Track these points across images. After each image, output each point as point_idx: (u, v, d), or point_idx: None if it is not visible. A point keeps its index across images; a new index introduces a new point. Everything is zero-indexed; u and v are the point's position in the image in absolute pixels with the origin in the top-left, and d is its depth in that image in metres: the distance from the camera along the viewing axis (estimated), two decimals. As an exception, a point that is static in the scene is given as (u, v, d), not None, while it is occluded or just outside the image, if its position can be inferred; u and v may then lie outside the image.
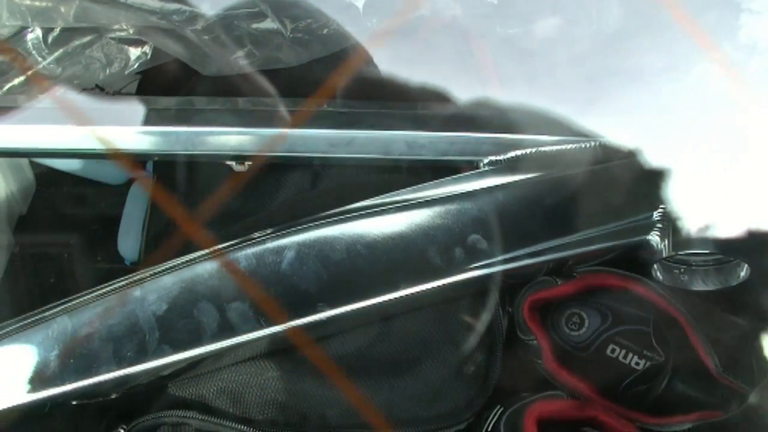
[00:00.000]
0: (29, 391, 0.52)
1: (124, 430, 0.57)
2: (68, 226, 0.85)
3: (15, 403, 0.52)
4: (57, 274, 0.81)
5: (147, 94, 0.64)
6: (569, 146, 0.57)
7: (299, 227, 0.54)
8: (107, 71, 0.68)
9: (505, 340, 0.57)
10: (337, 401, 0.54)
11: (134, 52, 0.68)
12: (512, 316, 0.57)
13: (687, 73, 0.61)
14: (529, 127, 0.60)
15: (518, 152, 0.58)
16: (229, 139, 0.58)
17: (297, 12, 0.60)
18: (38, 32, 0.65)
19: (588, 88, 0.65)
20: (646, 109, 0.60)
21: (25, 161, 0.84)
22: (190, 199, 0.65)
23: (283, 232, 0.54)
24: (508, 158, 0.58)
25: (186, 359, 0.52)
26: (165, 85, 0.73)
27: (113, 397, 0.58)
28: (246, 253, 0.54)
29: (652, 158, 0.57)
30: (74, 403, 0.57)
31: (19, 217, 0.85)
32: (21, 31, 0.65)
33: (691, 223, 0.55)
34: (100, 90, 0.79)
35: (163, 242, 0.66)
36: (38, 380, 0.52)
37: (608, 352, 0.59)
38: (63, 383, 0.52)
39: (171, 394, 0.56)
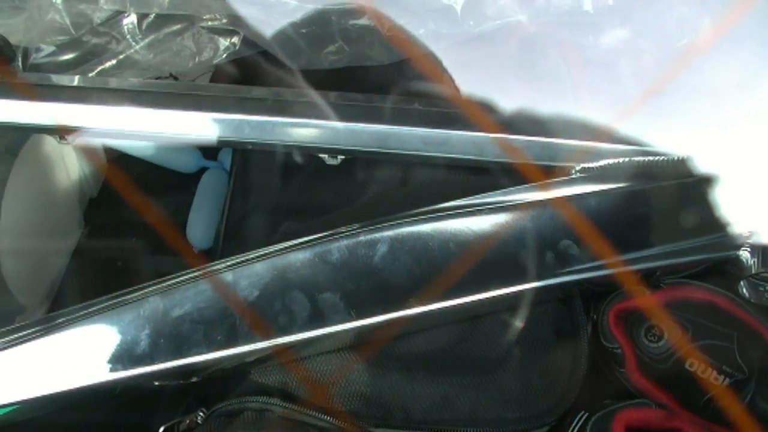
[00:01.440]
0: (119, 369, 0.52)
1: (204, 413, 0.57)
2: (137, 211, 0.85)
3: (104, 380, 0.52)
4: (124, 257, 0.82)
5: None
6: (661, 158, 0.57)
7: (392, 222, 0.55)
8: (196, 59, 0.69)
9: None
10: (422, 397, 0.54)
11: (223, 42, 0.69)
12: (596, 322, 0.57)
13: (756, 90, 0.61)
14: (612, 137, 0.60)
15: (610, 161, 0.58)
16: (324, 131, 0.59)
17: (395, 11, 0.61)
18: (134, 18, 0.66)
19: (654, 101, 0.65)
20: (715, 124, 0.60)
21: (99, 144, 0.85)
22: (273, 189, 0.66)
23: (376, 226, 0.54)
24: (599, 166, 0.58)
25: (275, 346, 0.53)
26: (239, 78, 0.74)
27: (193, 380, 0.59)
28: (339, 245, 0.54)
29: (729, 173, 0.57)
30: (156, 383, 0.58)
31: (90, 200, 0.86)
32: (117, 16, 0.66)
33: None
34: (173, 79, 0.80)
35: (243, 231, 0.67)
36: (128, 358, 0.52)
37: (687, 366, 0.59)
38: (153, 362, 0.52)
39: (253, 380, 0.57)
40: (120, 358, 0.52)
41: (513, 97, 0.62)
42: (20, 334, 0.55)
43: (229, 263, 0.54)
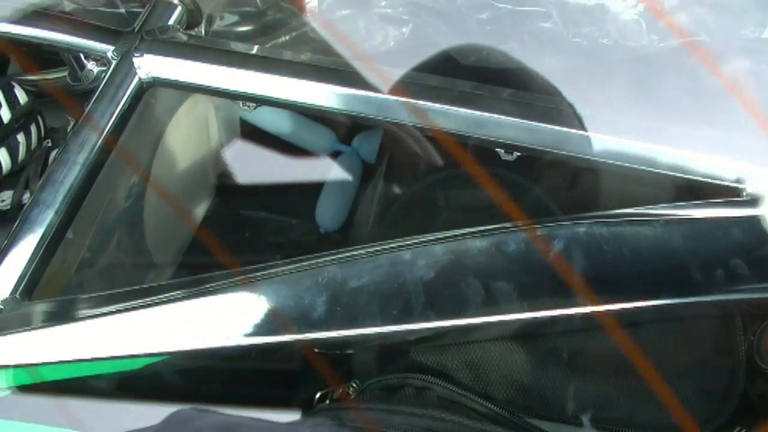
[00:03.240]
0: (294, 331, 0.54)
1: (357, 385, 0.59)
2: (267, 184, 0.87)
3: (277, 341, 0.54)
4: (251, 228, 0.84)
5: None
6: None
7: (569, 222, 0.56)
8: (366, 43, 0.71)
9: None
10: (580, 394, 0.55)
11: (393, 30, 0.71)
12: (752, 343, 0.58)
13: None
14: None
15: (781, 187, 0.59)
16: (505, 127, 0.60)
17: (582, 17, 0.62)
18: (317, -4, 0.68)
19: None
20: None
21: (236, 117, 0.87)
22: (431, 179, 0.67)
23: (554, 224, 0.56)
24: (770, 192, 0.59)
25: (446, 327, 0.54)
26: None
27: (348, 352, 0.60)
28: (516, 237, 0.55)
29: None
30: (315, 351, 0.59)
31: (222, 170, 0.88)
32: (301, -8, 0.68)
33: None
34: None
35: (397, 215, 0.68)
36: (304, 321, 0.54)
37: (830, 398, 0.60)
38: (328, 329, 0.54)
39: (412, 359, 0.58)
40: (296, 321, 0.54)
41: (685, 113, 0.63)
42: (189, 289, 0.56)
43: (405, 243, 0.56)
